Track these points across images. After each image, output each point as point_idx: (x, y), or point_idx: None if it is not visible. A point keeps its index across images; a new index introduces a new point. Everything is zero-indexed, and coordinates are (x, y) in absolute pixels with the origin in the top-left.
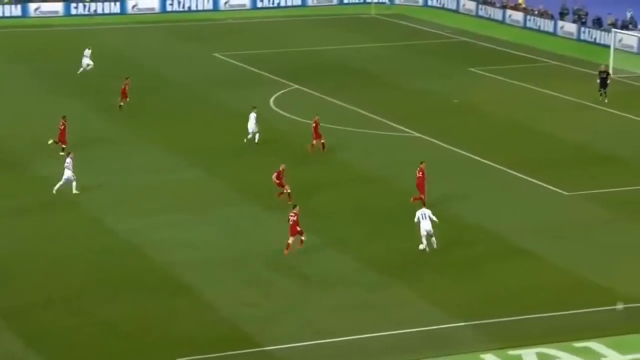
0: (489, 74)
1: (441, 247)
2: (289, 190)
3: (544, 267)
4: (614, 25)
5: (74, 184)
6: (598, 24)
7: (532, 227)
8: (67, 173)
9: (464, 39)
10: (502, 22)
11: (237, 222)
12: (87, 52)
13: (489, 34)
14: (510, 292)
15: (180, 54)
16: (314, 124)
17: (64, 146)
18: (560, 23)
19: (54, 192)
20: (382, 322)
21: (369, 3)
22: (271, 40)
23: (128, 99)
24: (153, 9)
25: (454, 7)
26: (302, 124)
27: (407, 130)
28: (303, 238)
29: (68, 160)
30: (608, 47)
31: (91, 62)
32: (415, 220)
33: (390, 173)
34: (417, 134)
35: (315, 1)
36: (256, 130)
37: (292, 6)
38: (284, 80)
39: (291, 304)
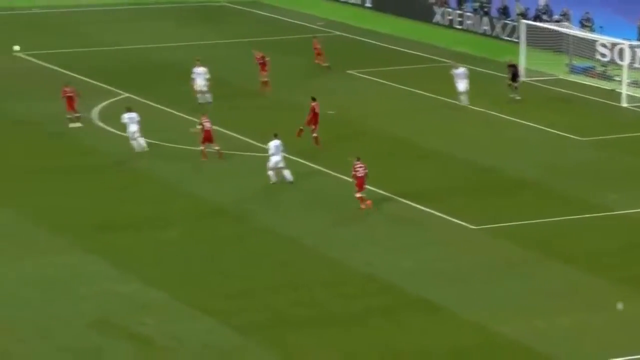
0: (373, 78)
1: (314, 303)
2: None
3: (446, 321)
4: (524, 15)
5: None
6: (504, 14)
7: (431, 270)
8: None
9: (340, 33)
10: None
11: (50, 274)
12: (200, 69)
13: (371, 27)
14: (405, 352)
15: None
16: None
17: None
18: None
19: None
20: None
21: None
22: (91, 35)
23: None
24: None
25: None
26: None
27: None
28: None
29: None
30: (515, 42)
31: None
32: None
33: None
34: (286, 155)
35: None
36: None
37: None
38: (110, 87)
39: None
